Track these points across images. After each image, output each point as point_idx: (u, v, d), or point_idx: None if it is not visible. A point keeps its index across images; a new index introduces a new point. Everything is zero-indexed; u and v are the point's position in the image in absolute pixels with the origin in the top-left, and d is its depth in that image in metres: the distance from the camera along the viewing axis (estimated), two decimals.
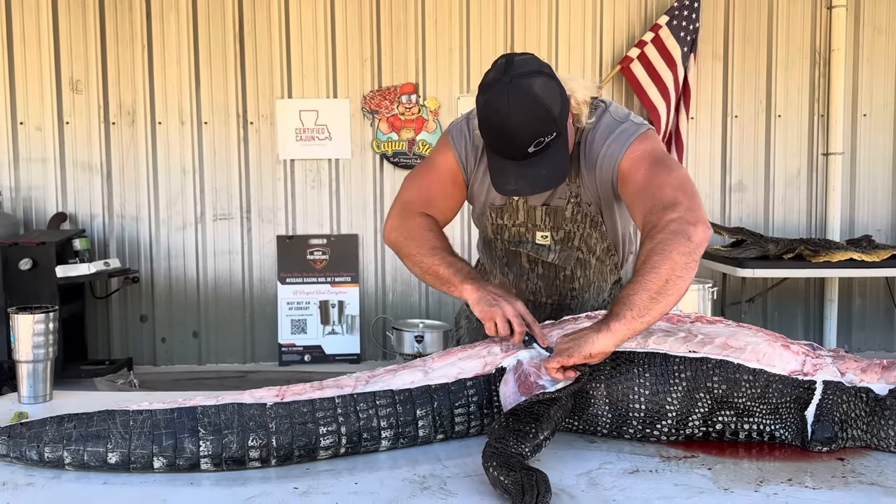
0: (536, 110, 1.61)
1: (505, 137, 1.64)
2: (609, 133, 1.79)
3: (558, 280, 2.00)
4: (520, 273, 2.03)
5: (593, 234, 1.91)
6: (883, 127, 5.17)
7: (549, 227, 1.91)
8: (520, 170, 1.67)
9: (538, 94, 1.61)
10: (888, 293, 5.15)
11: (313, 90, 5.01)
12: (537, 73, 1.64)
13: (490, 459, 1.37)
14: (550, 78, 1.66)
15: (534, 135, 1.62)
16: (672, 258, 1.49)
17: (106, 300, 4.97)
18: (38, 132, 4.91)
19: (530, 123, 1.61)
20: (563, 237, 1.92)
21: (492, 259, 2.12)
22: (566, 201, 1.88)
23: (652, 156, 1.72)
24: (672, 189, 1.60)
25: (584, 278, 2.00)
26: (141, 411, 1.50)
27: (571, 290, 2.02)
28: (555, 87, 1.66)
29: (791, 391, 1.59)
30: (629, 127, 1.79)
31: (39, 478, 1.46)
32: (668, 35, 4.90)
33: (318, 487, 1.42)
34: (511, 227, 1.96)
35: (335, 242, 5.08)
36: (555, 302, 2.04)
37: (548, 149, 1.65)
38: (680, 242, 1.50)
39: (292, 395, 1.57)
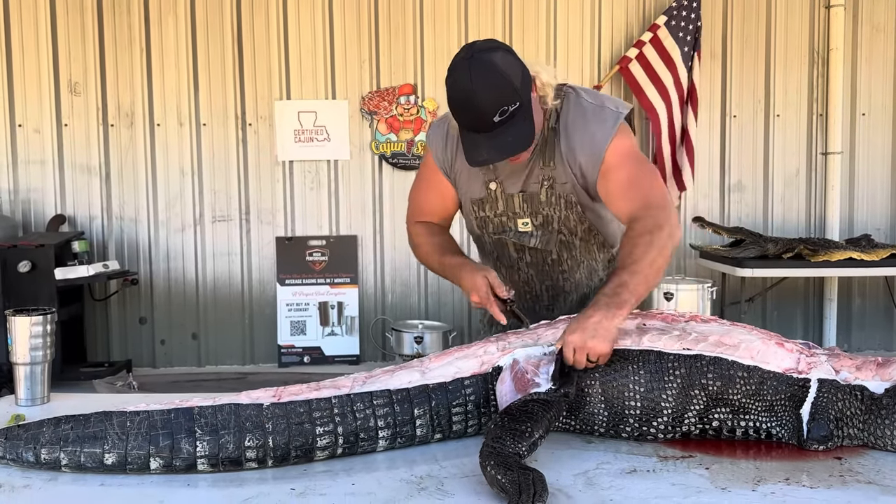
0: (498, 81, 1.70)
1: (472, 111, 1.72)
2: (588, 117, 1.88)
3: (546, 265, 2.07)
4: (510, 264, 2.10)
5: (570, 215, 1.97)
6: (882, 126, 5.16)
7: (528, 213, 1.98)
8: (489, 140, 1.74)
9: (499, 65, 1.70)
10: (888, 292, 5.15)
11: (312, 91, 5.01)
12: (496, 49, 1.74)
13: (487, 459, 1.38)
14: (509, 52, 1.75)
15: (497, 103, 1.69)
16: (664, 254, 1.73)
17: (105, 302, 4.97)
18: (37, 134, 4.91)
19: (493, 94, 1.69)
20: (542, 221, 1.99)
21: (484, 254, 2.19)
22: (540, 185, 1.94)
23: (636, 154, 1.89)
24: (661, 193, 1.84)
25: (572, 259, 2.06)
26: (138, 412, 1.50)
27: (562, 273, 2.08)
28: (513, 60, 1.74)
29: (786, 389, 1.59)
30: (609, 114, 1.88)
31: (36, 479, 1.46)
32: (666, 35, 4.90)
33: (315, 488, 1.42)
34: (493, 218, 2.03)
35: (334, 244, 5.08)
36: (549, 287, 2.11)
37: (513, 118, 1.72)
38: (669, 242, 1.74)
39: (289, 395, 1.57)
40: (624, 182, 1.84)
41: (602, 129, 1.86)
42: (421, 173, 2.15)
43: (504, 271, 2.12)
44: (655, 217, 1.75)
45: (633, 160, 1.87)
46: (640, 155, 1.91)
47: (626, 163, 1.85)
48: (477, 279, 1.88)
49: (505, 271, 2.12)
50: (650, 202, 1.79)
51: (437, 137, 2.04)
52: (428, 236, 2.12)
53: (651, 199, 1.80)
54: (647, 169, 1.89)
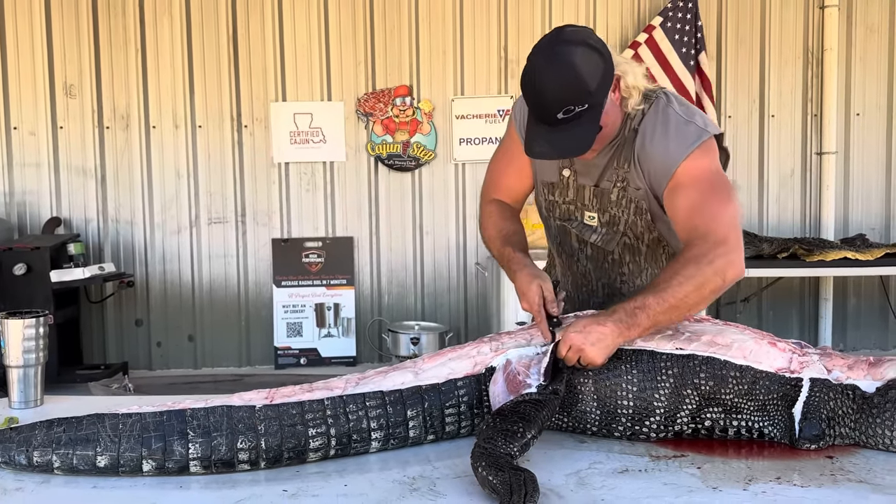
0: (569, 78, 1.63)
1: (538, 100, 1.68)
2: (673, 130, 1.77)
3: (606, 263, 1.99)
4: (570, 252, 2.05)
5: (638, 221, 1.89)
6: (876, 126, 5.18)
7: (597, 209, 1.92)
8: (547, 134, 1.69)
9: (576, 62, 1.63)
10: (882, 292, 5.16)
11: (307, 93, 5.01)
12: (581, 44, 1.66)
13: (479, 459, 1.38)
14: (594, 51, 1.66)
15: (563, 101, 1.63)
16: (702, 292, 1.61)
17: (101, 304, 4.97)
18: (32, 137, 4.91)
19: (560, 89, 1.63)
20: (608, 220, 1.92)
21: (550, 237, 2.13)
22: (613, 184, 1.87)
23: (711, 177, 1.74)
24: (726, 226, 1.67)
25: (634, 264, 1.98)
26: (130, 414, 1.50)
27: (621, 275, 1.99)
28: (597, 60, 1.66)
29: (778, 388, 1.60)
30: (694, 130, 1.76)
31: (29, 482, 1.46)
32: (662, 37, 4.90)
33: (308, 489, 1.42)
34: (562, 205, 1.98)
35: (330, 245, 5.08)
36: (605, 285, 2.02)
37: (578, 118, 1.66)
38: (715, 281, 1.62)
39: (281, 397, 1.57)
40: (688, 206, 1.71)
41: (680, 145, 1.75)
42: (502, 145, 2.08)
43: (564, 258, 2.07)
44: (709, 251, 1.62)
45: (706, 184, 1.72)
46: (716, 180, 1.74)
47: (695, 185, 1.71)
48: (532, 287, 1.76)
49: (565, 258, 2.07)
50: (709, 233, 1.65)
51: (522, 111, 1.91)
52: (499, 219, 2.04)
53: (712, 231, 1.65)
54: (718, 197, 1.71)
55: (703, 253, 1.62)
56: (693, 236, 1.67)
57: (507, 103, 5.01)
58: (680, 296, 1.58)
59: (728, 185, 1.76)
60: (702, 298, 1.62)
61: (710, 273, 1.60)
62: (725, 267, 1.62)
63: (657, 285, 1.62)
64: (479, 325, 5.04)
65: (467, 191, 5.08)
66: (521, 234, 2.02)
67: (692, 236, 1.67)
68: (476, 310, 5.13)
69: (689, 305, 1.61)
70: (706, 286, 1.60)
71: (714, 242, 1.63)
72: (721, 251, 1.62)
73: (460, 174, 5.09)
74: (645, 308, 1.58)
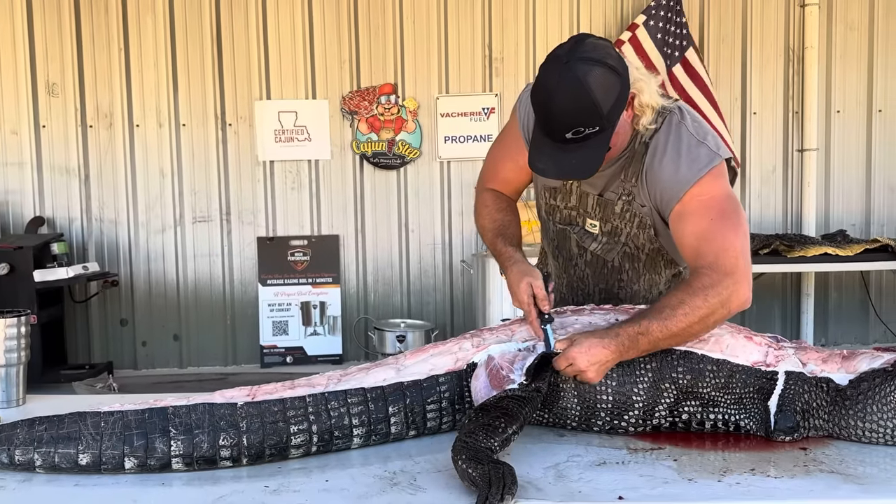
0: (582, 99, 1.57)
1: (547, 116, 1.62)
2: (685, 151, 1.72)
3: (605, 270, 1.96)
4: (569, 257, 2.01)
5: (640, 234, 1.86)
6: (856, 123, 5.23)
7: (599, 218, 1.88)
8: (553, 151, 1.65)
9: (590, 84, 1.56)
10: (863, 287, 5.22)
11: (292, 91, 5.01)
12: (599, 63, 1.58)
13: (459, 453, 1.40)
14: (612, 72, 1.60)
15: (574, 123, 1.59)
16: (705, 323, 1.60)
17: (85, 304, 4.94)
18: (14, 136, 4.87)
19: (573, 110, 1.58)
20: (610, 230, 1.89)
21: (547, 240, 2.11)
22: (618, 196, 1.83)
23: (721, 205, 1.69)
24: (734, 256, 1.63)
25: (633, 271, 1.95)
26: (112, 412, 1.51)
27: (619, 281, 1.96)
28: (614, 82, 1.60)
29: (754, 381, 1.63)
30: (706, 153, 1.71)
31: (10, 481, 1.46)
32: (645, 36, 4.93)
33: (289, 485, 1.43)
34: (563, 210, 1.95)
35: (316, 243, 5.08)
36: (602, 290, 1.99)
37: (586, 140, 1.61)
38: (721, 313, 1.60)
39: (263, 394, 1.59)
40: (696, 233, 1.67)
41: (691, 168, 1.70)
42: (502, 137, 2.04)
43: (561, 262, 2.05)
44: (718, 283, 1.59)
45: (715, 212, 1.67)
46: (726, 207, 1.69)
47: (705, 213, 1.67)
48: (522, 284, 1.74)
49: (562, 262, 2.04)
50: (717, 264, 1.61)
51: (528, 110, 1.85)
52: (494, 210, 2.01)
53: (720, 261, 1.62)
54: (727, 225, 1.67)
55: (712, 284, 1.59)
56: (701, 264, 1.64)
57: (492, 101, 5.03)
58: (683, 325, 1.57)
59: (738, 210, 1.71)
60: (705, 328, 1.62)
61: (717, 305, 1.59)
62: (732, 298, 1.60)
63: (661, 311, 1.58)
64: (464, 323, 5.05)
65: (453, 189, 5.09)
66: (514, 226, 2.00)
67: (700, 264, 1.64)
68: (462, 307, 5.15)
69: (692, 335, 1.61)
70: (711, 318, 1.60)
71: (723, 273, 1.60)
72: (729, 282, 1.60)
73: (445, 172, 5.10)
74: (648, 334, 1.57)
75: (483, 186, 2.08)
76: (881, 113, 5.21)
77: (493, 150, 2.09)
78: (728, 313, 1.61)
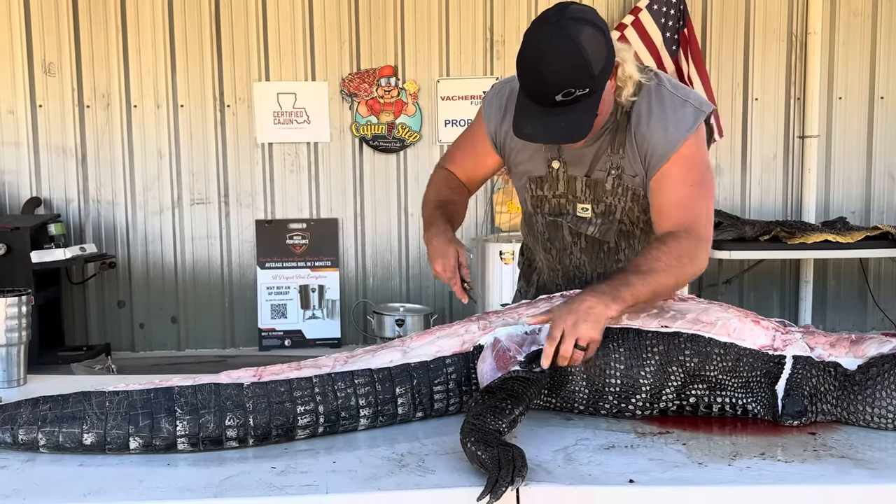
0: (575, 58, 1.56)
1: (537, 78, 1.59)
2: (666, 110, 1.74)
3: (602, 253, 1.95)
4: (562, 247, 1.98)
5: (635, 207, 1.85)
6: (857, 110, 5.21)
7: (590, 200, 1.86)
8: (542, 116, 1.62)
9: (582, 42, 1.56)
10: (862, 274, 5.23)
11: (291, 73, 4.96)
12: (589, 23, 1.59)
13: (468, 435, 1.39)
14: (601, 33, 1.60)
15: (565, 83, 1.57)
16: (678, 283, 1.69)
17: (82, 286, 4.92)
18: (11, 115, 4.82)
19: (565, 70, 1.56)
20: (603, 210, 1.87)
21: (534, 236, 2.06)
22: (606, 173, 1.81)
23: (700, 172, 1.76)
24: (706, 223, 1.74)
25: (630, 249, 1.94)
26: (117, 392, 1.50)
27: (617, 262, 1.95)
28: (603, 43, 1.60)
29: (761, 365, 1.62)
30: (691, 111, 1.74)
31: (14, 461, 1.45)
32: (648, 19, 4.89)
33: (296, 467, 1.42)
34: (551, 199, 1.91)
35: (315, 227, 5.06)
36: (601, 275, 1.95)
37: (576, 102, 1.59)
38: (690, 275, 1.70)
39: (269, 374, 1.57)
40: (678, 199, 1.72)
41: (679, 128, 1.72)
42: (469, 131, 2.04)
43: (555, 253, 2.01)
44: (693, 248, 1.67)
45: (696, 178, 1.73)
46: (704, 174, 1.77)
47: (685, 177, 1.72)
48: (450, 250, 1.82)
49: (556, 253, 2.01)
50: (693, 229, 1.69)
51: (495, 108, 1.89)
52: (444, 186, 2.03)
53: (695, 227, 1.70)
54: (704, 191, 1.75)
55: (688, 249, 1.67)
56: (678, 229, 1.70)
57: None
58: (661, 282, 1.62)
59: (712, 178, 1.82)
60: (677, 288, 1.70)
61: (690, 268, 1.67)
62: (701, 263, 1.70)
63: (639, 266, 1.62)
64: (463, 307, 4.96)
65: None
66: (458, 206, 2.01)
67: (676, 228, 1.70)
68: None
69: (666, 294, 1.67)
70: (683, 279, 1.68)
71: (697, 239, 1.69)
72: (701, 248, 1.70)
73: None
74: (629, 285, 1.58)
75: (441, 165, 2.10)
76: (883, 100, 5.19)
77: (460, 141, 2.08)
78: (694, 276, 1.72)
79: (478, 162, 2.02)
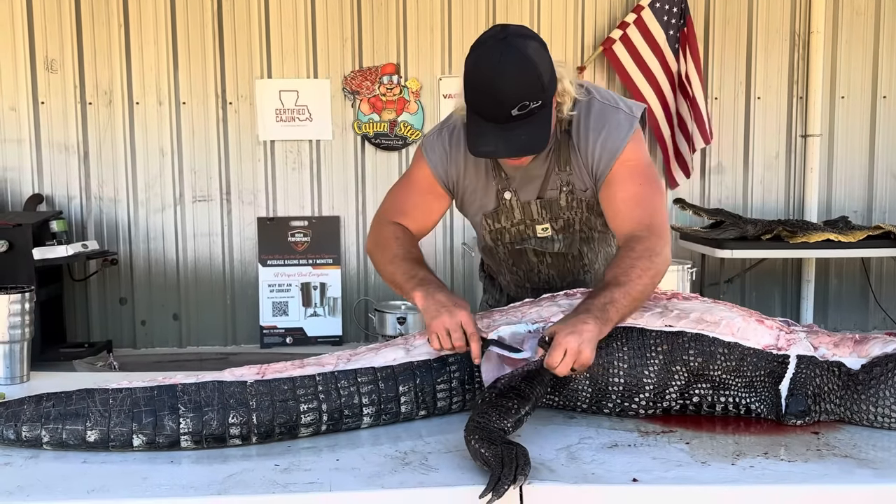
0: (527, 71, 1.60)
1: (491, 96, 1.61)
2: (604, 123, 1.78)
3: (568, 263, 2.01)
4: (528, 268, 2.03)
5: (591, 216, 1.92)
6: (860, 109, 5.20)
7: (548, 219, 1.92)
8: (500, 132, 1.64)
9: (531, 56, 1.60)
10: (864, 273, 5.22)
11: (293, 70, 4.96)
12: (533, 38, 1.65)
13: (472, 433, 1.39)
14: (543, 47, 1.66)
15: (520, 96, 1.60)
16: (654, 282, 1.68)
17: (84, 283, 4.92)
18: (13, 112, 4.82)
19: (519, 84, 1.59)
20: (562, 226, 1.93)
21: (496, 262, 2.10)
22: (558, 191, 1.87)
23: (645, 171, 1.80)
24: (662, 218, 1.77)
25: (592, 252, 2.02)
26: (120, 389, 1.50)
27: (583, 268, 2.03)
28: (547, 57, 1.65)
29: (765, 365, 1.62)
30: (624, 118, 1.79)
31: (17, 457, 1.45)
32: (651, 18, 4.89)
33: (300, 464, 1.42)
34: (510, 228, 1.95)
35: (316, 224, 5.05)
36: (570, 283, 2.02)
37: (531, 115, 1.63)
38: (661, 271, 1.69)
39: (273, 372, 1.57)
40: (630, 199, 1.76)
41: (616, 136, 1.77)
42: (411, 178, 1.96)
43: (522, 274, 2.06)
44: (656, 244, 1.69)
45: (642, 175, 1.78)
46: (649, 172, 1.82)
47: (634, 177, 1.77)
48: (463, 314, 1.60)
49: (522, 273, 2.05)
50: (653, 226, 1.72)
51: (439, 151, 1.89)
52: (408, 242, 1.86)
53: (654, 223, 1.73)
54: (653, 187, 1.80)
55: (652, 246, 1.68)
56: (637, 228, 1.72)
57: None
58: (640, 288, 1.62)
59: (657, 175, 1.89)
60: (654, 287, 1.70)
61: (660, 264, 1.68)
62: (667, 257, 1.71)
63: (617, 278, 1.62)
64: None
65: None
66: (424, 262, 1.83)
67: (635, 227, 1.72)
68: (462, 290, 5.13)
69: (646, 296, 1.67)
70: (657, 277, 1.68)
71: (657, 235, 1.71)
72: (663, 243, 1.71)
73: None
74: (613, 303, 1.57)
75: (386, 220, 1.92)
76: (885, 99, 5.18)
77: (399, 191, 1.97)
78: (665, 270, 1.71)
79: (429, 209, 1.94)
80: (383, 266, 1.84)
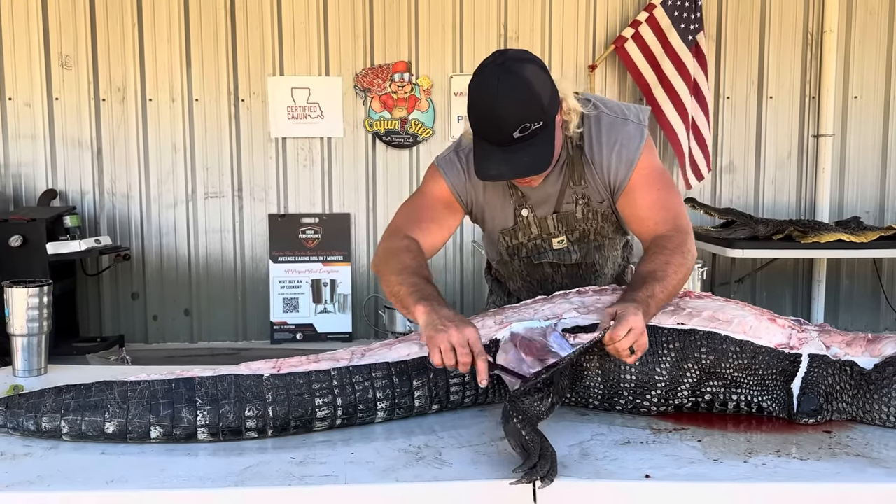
0: (525, 94, 1.63)
1: (492, 120, 1.65)
2: (616, 135, 1.84)
3: (581, 271, 2.06)
4: (543, 279, 2.08)
5: (605, 225, 1.97)
6: (873, 109, 5.18)
7: (563, 231, 1.96)
8: (503, 155, 1.68)
9: (528, 78, 1.64)
10: (875, 274, 5.20)
11: (305, 67, 4.98)
12: (530, 61, 1.68)
13: (515, 413, 1.40)
14: (542, 69, 1.69)
15: (520, 119, 1.63)
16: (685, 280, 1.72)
17: (97, 277, 4.95)
18: (28, 108, 4.86)
19: (517, 106, 1.63)
20: (578, 237, 1.98)
21: (510, 271, 2.14)
22: (574, 205, 1.92)
23: (661, 176, 1.87)
24: (686, 218, 1.83)
25: (602, 258, 2.07)
26: (139, 382, 1.52)
27: (594, 274, 2.09)
28: (546, 78, 1.69)
29: (777, 363, 1.62)
30: (634, 128, 1.85)
31: (37, 448, 1.47)
32: (662, 15, 4.87)
33: (315, 458, 1.44)
34: (527, 244, 2.00)
35: (327, 221, 5.07)
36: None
37: (533, 137, 1.66)
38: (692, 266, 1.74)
39: (289, 367, 1.59)
40: (654, 204, 1.82)
41: (629, 148, 1.83)
42: (425, 193, 1.94)
43: (535, 284, 2.09)
44: (684, 242, 1.74)
45: (660, 180, 1.85)
46: (665, 176, 1.88)
47: (653, 183, 1.83)
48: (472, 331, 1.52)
49: (536, 284, 2.09)
50: (679, 226, 1.78)
51: (456, 170, 1.91)
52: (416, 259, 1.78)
53: (679, 224, 1.78)
54: (672, 190, 1.87)
55: (682, 243, 1.74)
56: (665, 228, 1.77)
57: None
58: (675, 283, 1.67)
59: (671, 178, 1.98)
60: (685, 281, 1.74)
61: (691, 260, 1.73)
62: (695, 254, 1.77)
63: (655, 273, 1.66)
64: (474, 303, 5.06)
65: None
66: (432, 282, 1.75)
67: (663, 228, 1.77)
68: (472, 287, 5.15)
69: (678, 292, 1.72)
70: (689, 273, 1.73)
71: (685, 233, 1.77)
72: (691, 241, 1.77)
73: None
74: (654, 297, 1.61)
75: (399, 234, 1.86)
76: None
77: (413, 206, 1.94)
78: (693, 267, 1.76)
79: (444, 223, 1.92)
80: (389, 276, 1.74)
